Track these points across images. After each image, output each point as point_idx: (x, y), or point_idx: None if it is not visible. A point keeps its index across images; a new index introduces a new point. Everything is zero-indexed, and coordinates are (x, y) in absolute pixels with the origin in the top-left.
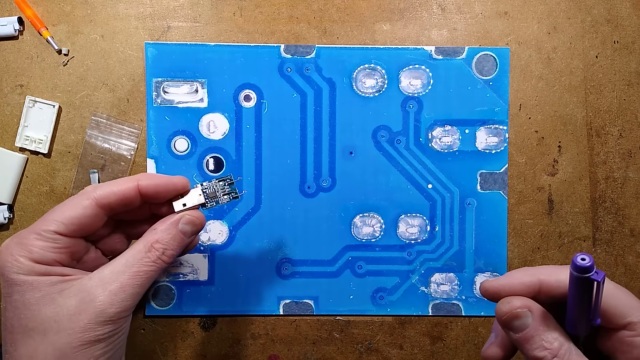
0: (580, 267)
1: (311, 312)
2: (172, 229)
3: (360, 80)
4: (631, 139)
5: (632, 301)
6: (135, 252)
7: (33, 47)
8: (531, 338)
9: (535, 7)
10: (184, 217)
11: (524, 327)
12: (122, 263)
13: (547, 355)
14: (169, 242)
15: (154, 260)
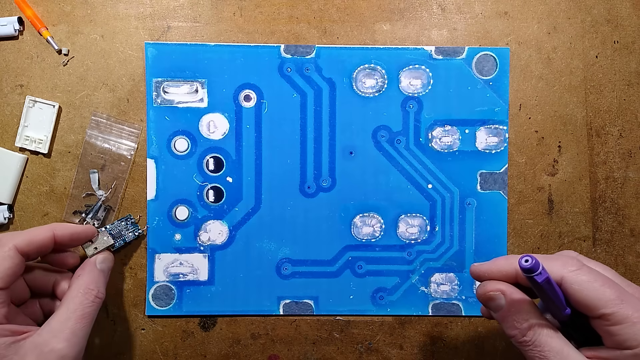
0: (524, 268)
1: (311, 312)
2: (94, 270)
3: (360, 80)
4: (631, 139)
5: (605, 292)
6: (74, 298)
7: (33, 47)
8: (504, 318)
9: (535, 7)
10: (97, 257)
11: (499, 308)
12: (64, 312)
13: (517, 334)
14: (97, 282)
15: (92, 300)
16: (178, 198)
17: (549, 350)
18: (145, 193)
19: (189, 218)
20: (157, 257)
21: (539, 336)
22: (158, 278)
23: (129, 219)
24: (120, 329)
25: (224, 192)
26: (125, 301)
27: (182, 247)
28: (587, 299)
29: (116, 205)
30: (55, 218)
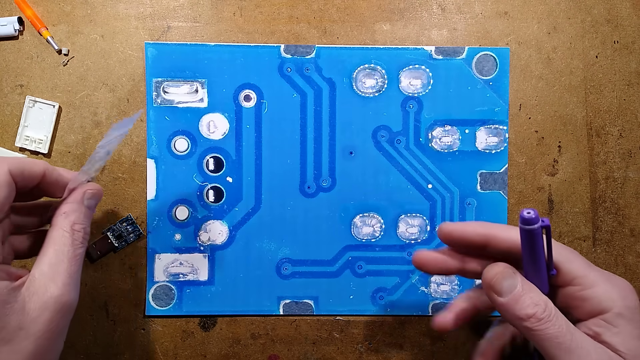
0: (526, 219)
1: (311, 312)
2: (81, 207)
3: (360, 80)
4: (631, 139)
5: (576, 258)
6: (61, 239)
7: (33, 47)
8: (520, 297)
9: (535, 7)
10: (86, 192)
11: (512, 288)
12: (54, 254)
13: (539, 310)
14: (84, 220)
15: (80, 242)
16: (178, 198)
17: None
18: (145, 193)
19: (189, 218)
20: (157, 257)
21: (558, 312)
22: (158, 278)
23: (129, 219)
24: (120, 329)
25: (224, 192)
26: (125, 301)
27: (182, 247)
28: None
29: None
30: None
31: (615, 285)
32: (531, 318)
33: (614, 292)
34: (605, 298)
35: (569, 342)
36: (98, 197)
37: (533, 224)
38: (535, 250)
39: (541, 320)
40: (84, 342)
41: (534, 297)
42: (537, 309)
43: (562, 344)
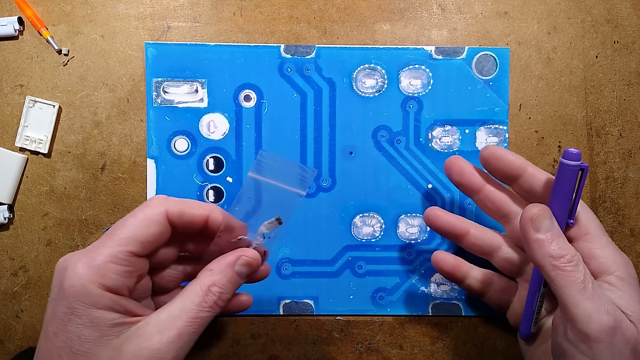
0: (569, 153)
1: (311, 312)
2: (229, 271)
3: (360, 80)
4: (631, 139)
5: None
6: (193, 295)
7: (33, 47)
8: (556, 237)
9: (535, 7)
10: (240, 258)
11: (551, 227)
12: (179, 307)
13: (571, 252)
14: (225, 285)
15: (210, 306)
16: None
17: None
18: (145, 193)
19: None
20: None
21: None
22: None
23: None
24: None
25: (224, 192)
26: None
27: None
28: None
29: None
30: (55, 218)
31: (620, 253)
32: (562, 258)
33: (620, 259)
34: (612, 262)
35: (590, 289)
36: (252, 267)
37: (574, 161)
38: (565, 189)
39: (571, 262)
40: None
41: (565, 243)
42: (570, 252)
43: (586, 289)
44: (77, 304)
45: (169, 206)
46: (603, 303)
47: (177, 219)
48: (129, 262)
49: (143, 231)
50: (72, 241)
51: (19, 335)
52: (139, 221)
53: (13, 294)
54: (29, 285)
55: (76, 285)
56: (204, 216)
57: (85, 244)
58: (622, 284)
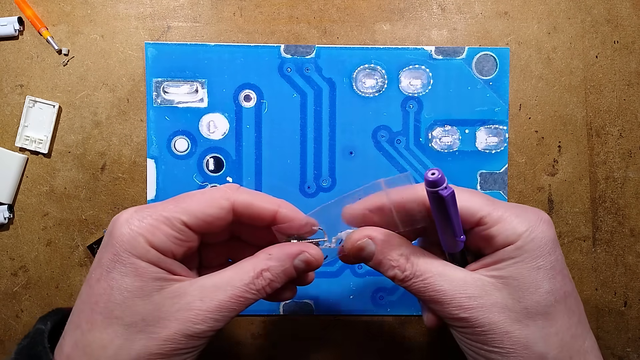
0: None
1: (311, 312)
2: (287, 262)
3: (360, 80)
4: (631, 139)
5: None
6: (243, 274)
7: (33, 47)
8: (380, 263)
9: (535, 7)
10: (303, 254)
11: (371, 255)
12: (226, 279)
13: (397, 273)
14: (279, 275)
15: (258, 290)
16: None
17: (430, 275)
18: (146, 193)
19: None
20: None
21: (418, 265)
22: None
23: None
24: None
25: None
26: None
27: None
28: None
29: None
30: (55, 218)
31: (523, 218)
32: (394, 279)
33: (520, 225)
34: (511, 233)
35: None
36: (311, 266)
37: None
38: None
39: (402, 281)
40: None
41: (392, 258)
42: (396, 272)
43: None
44: (124, 252)
45: (238, 196)
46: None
47: (244, 210)
48: (181, 230)
49: (203, 209)
50: (72, 241)
51: (19, 335)
52: (204, 199)
53: (13, 294)
54: (29, 285)
55: (125, 235)
56: (272, 211)
57: (85, 244)
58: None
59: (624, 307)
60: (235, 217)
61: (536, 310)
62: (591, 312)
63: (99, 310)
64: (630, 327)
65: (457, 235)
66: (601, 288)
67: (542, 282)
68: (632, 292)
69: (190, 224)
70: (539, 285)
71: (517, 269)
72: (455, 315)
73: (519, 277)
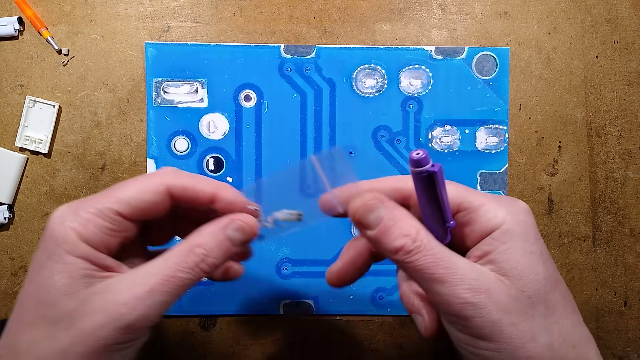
0: (415, 159)
1: (311, 312)
2: (219, 234)
3: (360, 80)
4: (631, 139)
5: (457, 187)
6: (174, 253)
7: (33, 47)
8: (388, 229)
9: (535, 7)
10: (234, 222)
11: (379, 220)
12: (158, 264)
13: (407, 241)
14: (213, 249)
15: (191, 267)
16: None
17: (440, 257)
18: None
19: None
20: None
21: (430, 240)
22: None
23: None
24: None
25: None
26: None
27: None
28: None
29: None
30: None
31: (503, 204)
32: (399, 251)
33: (502, 210)
34: (493, 216)
35: (441, 272)
36: (246, 233)
37: (422, 166)
38: (428, 195)
39: (410, 253)
40: None
41: (403, 227)
42: (406, 240)
43: (434, 274)
44: (55, 248)
45: (174, 179)
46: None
47: (181, 194)
48: (114, 221)
49: (136, 196)
50: None
51: None
52: (137, 186)
53: (13, 294)
54: None
55: (57, 230)
56: (210, 194)
57: None
58: (505, 237)
59: (624, 307)
60: (173, 201)
61: (538, 299)
62: (591, 312)
63: (28, 309)
64: (630, 327)
65: (447, 221)
66: (601, 288)
67: (538, 267)
68: (632, 292)
69: (124, 213)
70: (536, 271)
71: (512, 256)
72: (463, 299)
73: (516, 264)
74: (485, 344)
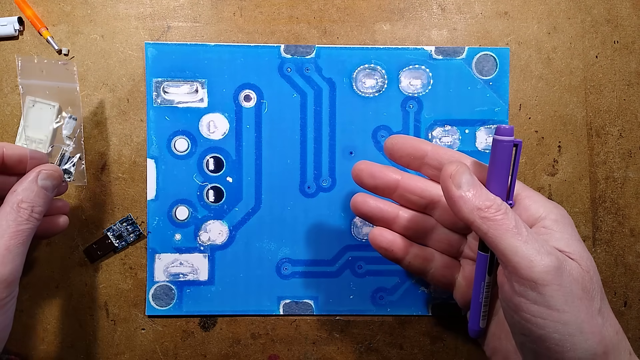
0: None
1: (311, 312)
2: (33, 186)
3: (360, 80)
4: (631, 139)
5: None
6: (5, 214)
7: (33, 47)
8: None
9: (535, 7)
10: (40, 172)
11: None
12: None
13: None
14: (34, 200)
15: (27, 219)
16: (178, 198)
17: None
18: (145, 193)
19: (189, 218)
20: (157, 257)
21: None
22: (158, 278)
23: (129, 219)
24: (120, 329)
25: (224, 192)
26: (125, 301)
27: (182, 247)
28: None
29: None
30: None
31: (550, 201)
32: (490, 208)
33: (548, 203)
34: (540, 206)
35: (525, 233)
36: (54, 178)
37: (507, 136)
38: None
39: (500, 211)
40: (84, 342)
41: (489, 194)
42: (496, 201)
43: (519, 234)
44: None
45: None
46: (541, 245)
47: None
48: None
49: None
50: (72, 241)
51: (19, 335)
52: None
53: None
54: (29, 286)
55: None
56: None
57: (85, 245)
58: (557, 225)
59: (624, 307)
60: None
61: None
62: None
63: None
64: (630, 327)
65: (510, 197)
66: None
67: (589, 254)
68: (632, 292)
69: None
70: (590, 257)
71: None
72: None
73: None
74: (557, 314)
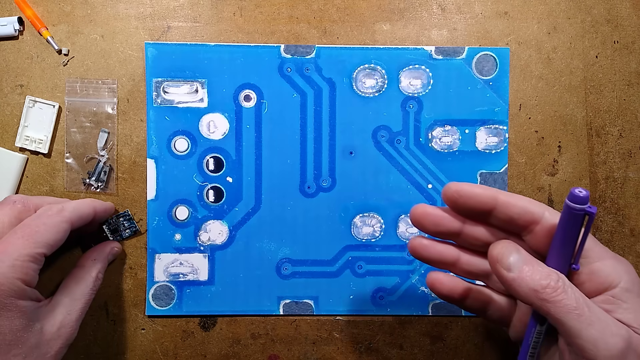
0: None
1: (311, 312)
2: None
3: (360, 80)
4: (631, 139)
5: None
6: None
7: (33, 47)
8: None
9: (535, 7)
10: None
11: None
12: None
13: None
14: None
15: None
16: (178, 198)
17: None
18: (145, 193)
19: (189, 218)
20: (157, 257)
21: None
22: (158, 278)
23: (127, 214)
24: (120, 329)
25: (224, 192)
26: (125, 301)
27: (182, 247)
28: None
29: (115, 165)
30: None
31: (619, 260)
32: (547, 288)
33: (620, 267)
34: (612, 272)
35: (587, 313)
36: (117, 254)
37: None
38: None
39: (557, 290)
40: (84, 342)
41: (543, 270)
42: (551, 279)
43: (582, 315)
44: (7, 299)
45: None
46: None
47: (77, 221)
48: (41, 261)
49: (54, 237)
50: (72, 242)
51: None
52: (51, 227)
53: None
54: None
55: (4, 284)
56: (92, 213)
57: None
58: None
59: None
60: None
61: None
62: None
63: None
64: None
65: (575, 262)
66: None
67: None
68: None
69: (47, 254)
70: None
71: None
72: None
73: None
74: None
